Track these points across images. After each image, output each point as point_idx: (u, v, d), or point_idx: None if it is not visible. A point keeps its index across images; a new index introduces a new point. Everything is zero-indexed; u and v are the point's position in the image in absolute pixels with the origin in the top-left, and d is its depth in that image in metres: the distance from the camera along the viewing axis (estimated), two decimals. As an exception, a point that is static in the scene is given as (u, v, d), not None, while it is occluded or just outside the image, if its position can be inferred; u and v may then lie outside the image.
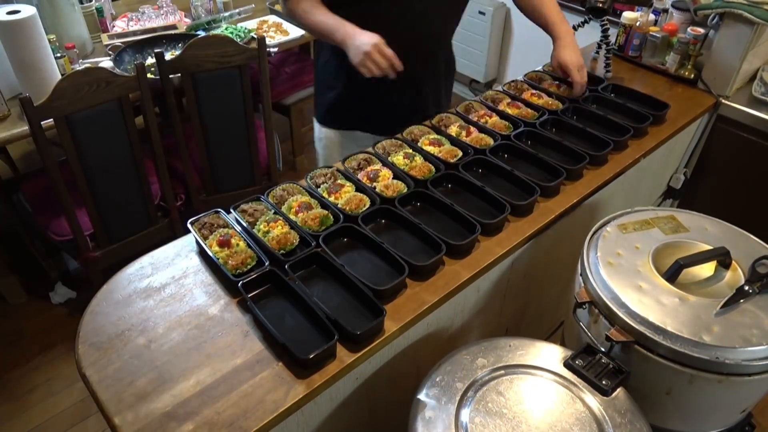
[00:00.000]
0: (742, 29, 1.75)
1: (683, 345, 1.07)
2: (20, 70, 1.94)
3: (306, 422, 1.07)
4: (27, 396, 2.10)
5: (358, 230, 1.25)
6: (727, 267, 1.22)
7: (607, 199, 1.62)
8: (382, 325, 1.09)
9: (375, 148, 1.51)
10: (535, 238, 1.37)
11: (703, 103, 1.86)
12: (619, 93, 1.82)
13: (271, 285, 1.16)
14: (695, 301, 1.14)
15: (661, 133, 1.68)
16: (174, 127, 2.15)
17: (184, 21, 2.70)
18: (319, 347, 1.00)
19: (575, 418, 1.00)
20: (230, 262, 1.16)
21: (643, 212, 1.37)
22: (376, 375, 1.18)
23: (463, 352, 1.12)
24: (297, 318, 1.10)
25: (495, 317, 1.52)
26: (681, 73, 1.93)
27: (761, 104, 1.86)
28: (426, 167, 1.44)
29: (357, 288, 1.12)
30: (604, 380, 1.06)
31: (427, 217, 1.33)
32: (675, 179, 2.09)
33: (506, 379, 1.07)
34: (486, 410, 1.01)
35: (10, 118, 1.98)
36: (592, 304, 1.21)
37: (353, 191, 1.37)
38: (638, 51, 2.02)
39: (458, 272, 1.22)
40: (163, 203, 2.25)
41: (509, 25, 3.46)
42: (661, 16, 2.04)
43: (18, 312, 2.41)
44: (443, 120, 1.64)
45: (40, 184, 2.26)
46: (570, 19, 3.14)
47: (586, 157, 1.49)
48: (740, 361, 1.06)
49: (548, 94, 1.76)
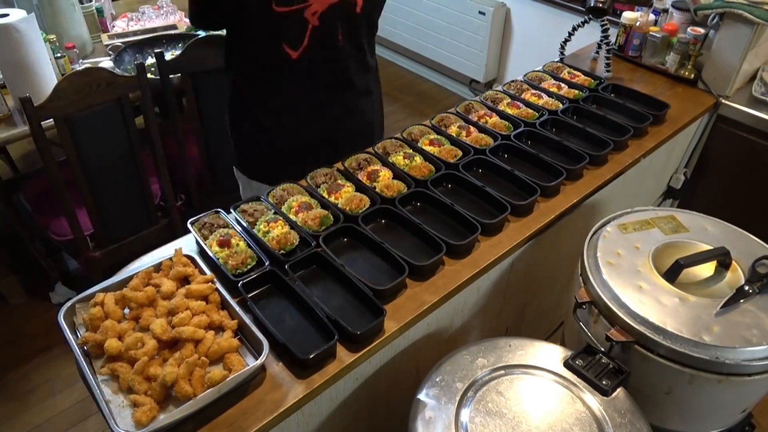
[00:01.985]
0: (742, 29, 1.75)
1: (683, 345, 1.07)
2: (13, 73, 1.93)
3: (306, 422, 1.07)
4: (27, 396, 2.10)
5: (358, 230, 1.25)
6: (727, 267, 1.22)
7: (607, 199, 1.62)
8: (382, 325, 1.09)
9: (375, 148, 1.51)
10: (535, 238, 1.37)
11: (703, 103, 1.86)
12: (619, 93, 1.82)
13: (271, 285, 1.16)
14: (695, 301, 1.14)
15: (661, 133, 1.68)
16: (174, 127, 2.15)
17: (184, 21, 2.70)
18: (319, 347, 1.00)
19: (575, 418, 1.00)
20: (230, 262, 1.16)
21: (643, 212, 1.37)
22: (376, 375, 1.18)
23: (463, 352, 1.12)
24: (297, 318, 1.10)
25: (495, 317, 1.52)
26: (681, 73, 1.93)
27: (761, 104, 1.86)
28: (426, 167, 1.44)
29: (357, 288, 1.12)
30: (604, 380, 1.06)
31: (427, 217, 1.33)
32: (675, 179, 2.09)
33: (506, 379, 1.06)
34: (486, 410, 1.01)
35: (10, 118, 1.98)
36: (592, 304, 1.21)
37: (353, 191, 1.37)
38: (638, 51, 2.02)
39: (458, 272, 1.22)
40: (163, 203, 2.25)
41: (509, 25, 3.46)
42: (661, 16, 2.04)
43: (18, 312, 2.41)
44: (443, 120, 1.64)
45: (40, 184, 2.26)
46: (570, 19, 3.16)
47: (586, 157, 1.49)
48: (740, 361, 1.06)
49: (548, 94, 1.76)
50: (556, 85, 1.82)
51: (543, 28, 3.28)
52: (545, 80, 1.86)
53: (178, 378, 0.93)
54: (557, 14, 3.16)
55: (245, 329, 1.04)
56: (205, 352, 0.99)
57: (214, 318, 1.05)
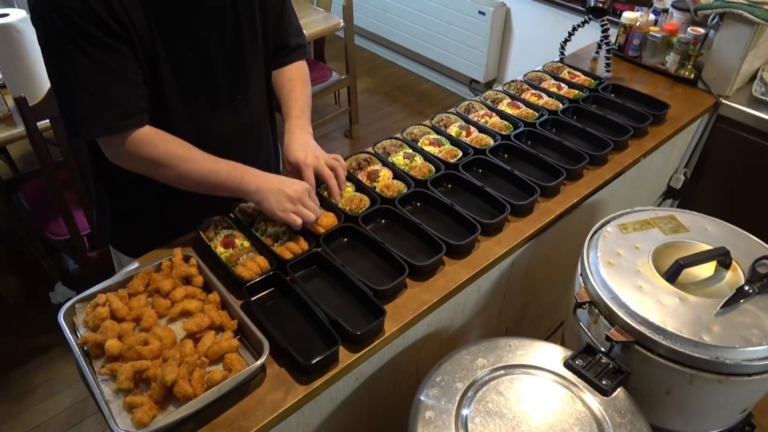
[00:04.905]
0: (742, 29, 1.75)
1: (683, 345, 1.07)
2: (12, 73, 1.93)
3: (306, 422, 1.07)
4: (27, 396, 2.10)
5: (358, 230, 1.25)
6: (727, 267, 1.22)
7: (607, 199, 1.62)
8: (383, 325, 1.08)
9: (375, 148, 1.51)
10: (535, 238, 1.37)
11: (703, 103, 1.86)
12: (619, 93, 1.82)
13: (274, 288, 1.16)
14: (695, 301, 1.14)
15: (661, 133, 1.68)
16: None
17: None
18: (322, 352, 1.00)
19: (575, 418, 1.00)
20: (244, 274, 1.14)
21: (643, 212, 1.37)
22: (376, 375, 1.18)
23: (463, 352, 1.12)
24: (299, 321, 1.10)
25: (495, 317, 1.52)
26: (681, 73, 1.93)
27: (761, 104, 1.86)
28: (426, 167, 1.44)
29: (357, 288, 1.12)
30: (604, 380, 1.06)
31: (427, 217, 1.33)
32: (675, 179, 2.09)
33: (506, 379, 1.06)
34: (486, 410, 1.00)
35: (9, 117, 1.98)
36: (592, 304, 1.21)
37: (353, 191, 1.37)
38: (638, 51, 2.02)
39: (458, 272, 1.22)
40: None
41: (509, 25, 3.46)
42: (661, 16, 2.04)
43: (18, 312, 2.41)
44: (443, 120, 1.64)
45: (38, 184, 2.25)
46: (570, 19, 3.15)
47: (586, 157, 1.49)
48: (740, 361, 1.06)
49: (548, 94, 1.76)
50: (556, 85, 1.82)
51: (543, 28, 3.27)
52: (545, 80, 1.86)
53: (178, 378, 0.93)
54: (557, 14, 3.16)
55: (245, 329, 1.04)
56: (205, 352, 0.99)
57: (215, 318, 1.05)
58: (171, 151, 1.12)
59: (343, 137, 3.49)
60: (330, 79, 3.05)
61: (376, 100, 3.84)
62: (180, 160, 1.13)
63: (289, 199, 1.16)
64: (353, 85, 3.22)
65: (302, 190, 1.18)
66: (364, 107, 3.71)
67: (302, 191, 1.18)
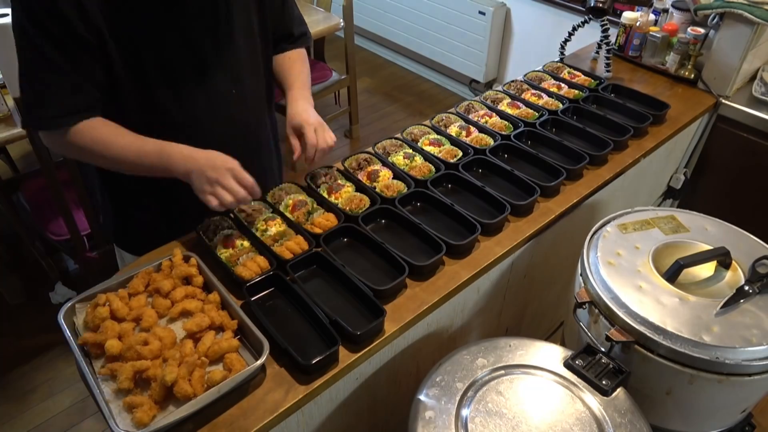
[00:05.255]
0: (742, 29, 1.75)
1: (683, 345, 1.07)
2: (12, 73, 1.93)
3: (306, 422, 1.07)
4: (27, 396, 2.10)
5: (358, 230, 1.25)
6: (727, 267, 1.22)
7: (607, 199, 1.62)
8: (382, 326, 1.08)
9: (375, 148, 1.51)
10: (535, 238, 1.37)
11: (703, 103, 1.86)
12: (619, 93, 1.82)
13: (274, 288, 1.16)
14: (695, 301, 1.14)
15: (661, 133, 1.68)
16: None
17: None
18: (322, 352, 1.00)
19: (575, 418, 1.00)
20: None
21: (643, 212, 1.37)
22: (376, 375, 1.18)
23: (463, 352, 1.12)
24: (300, 321, 1.10)
25: (495, 317, 1.52)
26: (681, 73, 1.93)
27: (761, 104, 1.86)
28: (426, 167, 1.44)
29: (357, 288, 1.12)
30: (604, 380, 1.06)
31: (427, 217, 1.33)
32: (675, 179, 2.09)
33: (506, 379, 1.06)
34: (486, 410, 1.00)
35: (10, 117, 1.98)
36: (592, 304, 1.21)
37: (353, 191, 1.37)
38: (638, 51, 2.02)
39: (458, 272, 1.22)
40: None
41: (509, 25, 3.46)
42: (661, 16, 2.04)
43: (18, 312, 2.41)
44: (443, 120, 1.64)
45: (38, 184, 2.26)
46: (570, 19, 3.15)
47: (586, 157, 1.49)
48: (740, 361, 1.06)
49: (548, 94, 1.76)
50: (556, 85, 1.82)
51: (543, 28, 3.27)
52: (545, 80, 1.86)
53: (178, 378, 0.93)
54: (557, 14, 3.16)
55: (245, 329, 1.04)
56: (205, 352, 0.99)
57: (215, 318, 1.05)
58: (96, 138, 1.11)
59: (343, 137, 3.49)
60: (330, 79, 3.05)
61: (376, 100, 3.84)
62: (105, 145, 1.12)
63: (207, 180, 1.11)
64: (353, 85, 3.22)
65: (223, 169, 1.11)
66: (364, 107, 3.71)
67: (223, 170, 1.11)
